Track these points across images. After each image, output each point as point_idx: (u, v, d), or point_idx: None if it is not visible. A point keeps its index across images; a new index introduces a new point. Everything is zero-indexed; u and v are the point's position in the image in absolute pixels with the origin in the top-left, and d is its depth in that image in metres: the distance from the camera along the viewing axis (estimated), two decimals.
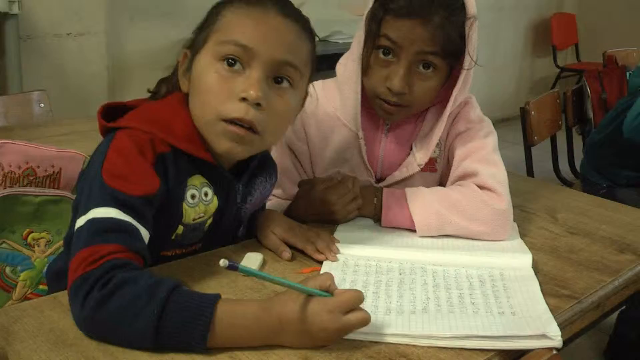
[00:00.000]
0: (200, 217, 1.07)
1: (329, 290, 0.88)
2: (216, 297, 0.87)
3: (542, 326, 0.92)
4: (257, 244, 1.18)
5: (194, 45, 1.07)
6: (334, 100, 1.39)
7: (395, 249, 1.18)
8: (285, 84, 1.04)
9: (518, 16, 5.88)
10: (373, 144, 1.40)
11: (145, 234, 0.95)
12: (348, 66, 1.33)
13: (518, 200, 1.45)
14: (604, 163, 2.55)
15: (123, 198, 0.93)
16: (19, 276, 1.26)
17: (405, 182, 1.39)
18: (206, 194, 1.07)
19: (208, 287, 1.01)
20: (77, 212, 0.97)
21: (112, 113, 1.07)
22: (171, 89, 1.13)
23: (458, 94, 1.31)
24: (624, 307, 1.26)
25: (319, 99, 1.37)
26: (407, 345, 0.90)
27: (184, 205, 1.04)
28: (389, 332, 0.91)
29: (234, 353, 0.85)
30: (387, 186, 1.39)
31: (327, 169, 1.40)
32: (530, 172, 2.60)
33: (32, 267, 1.25)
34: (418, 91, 1.27)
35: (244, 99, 0.99)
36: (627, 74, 3.13)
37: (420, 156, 1.37)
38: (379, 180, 1.41)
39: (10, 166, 1.26)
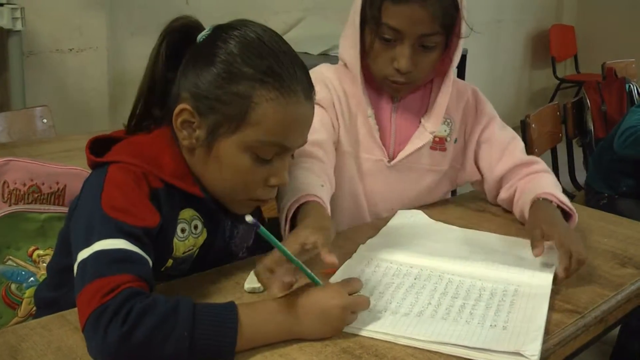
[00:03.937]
0: (189, 250, 1.08)
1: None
2: (233, 305, 0.90)
3: (522, 344, 0.92)
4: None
5: (207, 113, 1.01)
6: (344, 82, 1.46)
7: (424, 257, 1.19)
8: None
9: (517, 28, 5.91)
10: (383, 122, 1.46)
11: (150, 261, 0.96)
12: (349, 54, 1.41)
13: None
14: (606, 169, 2.56)
15: (128, 229, 0.93)
16: (24, 293, 1.27)
17: (415, 156, 1.45)
18: (196, 227, 1.09)
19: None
20: (66, 244, 0.98)
21: (98, 146, 1.07)
22: (152, 123, 1.11)
23: (455, 61, 1.42)
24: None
25: (333, 82, 1.45)
26: (385, 342, 0.94)
27: (175, 240, 1.05)
28: (374, 329, 0.96)
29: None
30: (400, 161, 1.45)
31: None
32: None
33: (37, 284, 1.25)
34: (423, 66, 1.37)
35: (274, 185, 1.06)
36: (627, 86, 3.15)
37: (429, 125, 1.46)
38: (392, 159, 1.46)
39: (15, 183, 1.27)
